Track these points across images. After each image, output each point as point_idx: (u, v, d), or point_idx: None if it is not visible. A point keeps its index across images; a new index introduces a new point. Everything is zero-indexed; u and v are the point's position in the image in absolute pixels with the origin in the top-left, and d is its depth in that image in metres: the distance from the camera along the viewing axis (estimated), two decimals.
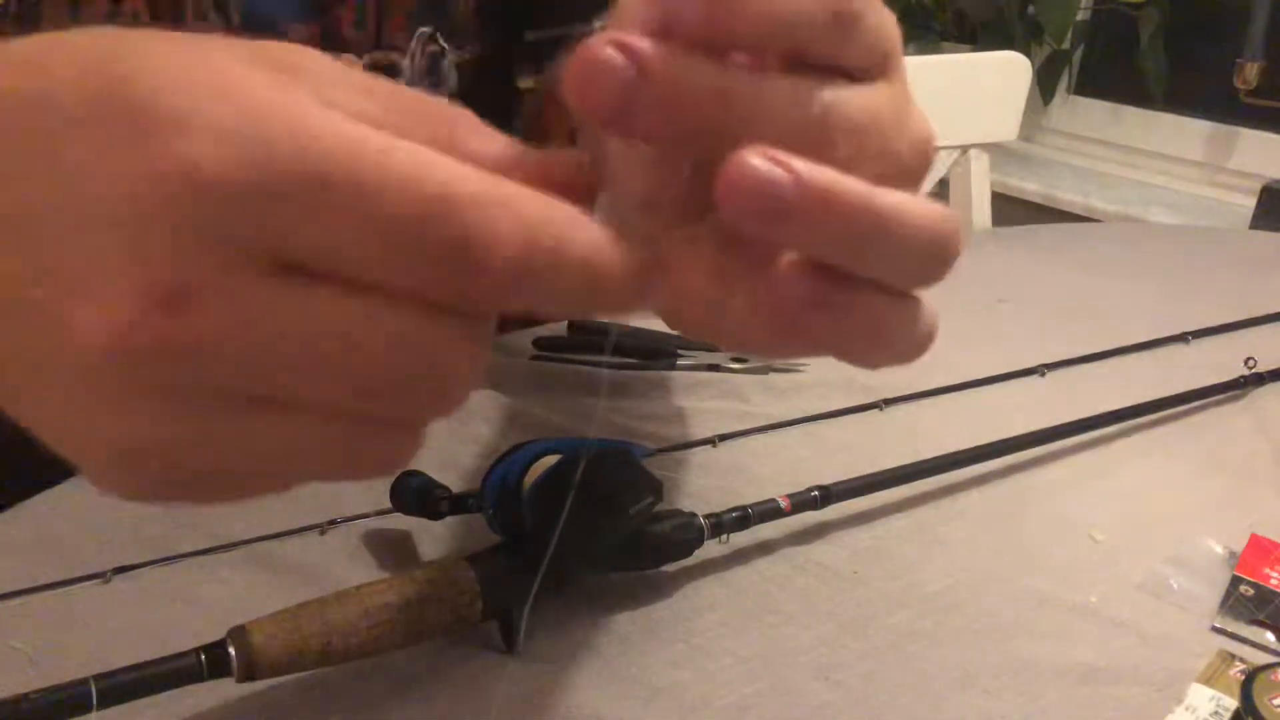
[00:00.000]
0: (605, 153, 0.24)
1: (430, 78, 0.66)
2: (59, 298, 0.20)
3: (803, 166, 0.21)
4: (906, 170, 0.24)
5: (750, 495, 0.52)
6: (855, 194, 0.22)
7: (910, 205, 0.23)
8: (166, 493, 0.22)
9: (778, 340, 0.25)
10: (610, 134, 0.22)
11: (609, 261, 0.22)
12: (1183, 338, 0.83)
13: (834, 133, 0.23)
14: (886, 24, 0.24)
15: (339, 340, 0.20)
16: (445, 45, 0.66)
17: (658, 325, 0.29)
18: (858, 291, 0.23)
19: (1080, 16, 1.98)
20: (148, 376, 0.20)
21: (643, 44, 0.21)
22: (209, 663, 0.37)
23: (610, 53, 0.21)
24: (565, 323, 0.79)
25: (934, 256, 0.23)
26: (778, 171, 0.21)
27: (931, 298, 0.25)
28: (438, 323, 0.21)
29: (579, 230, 0.21)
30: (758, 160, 0.21)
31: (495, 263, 0.20)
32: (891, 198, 0.22)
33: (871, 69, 0.24)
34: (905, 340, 0.25)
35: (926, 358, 0.26)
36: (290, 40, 0.22)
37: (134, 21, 0.54)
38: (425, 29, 0.65)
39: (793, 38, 0.22)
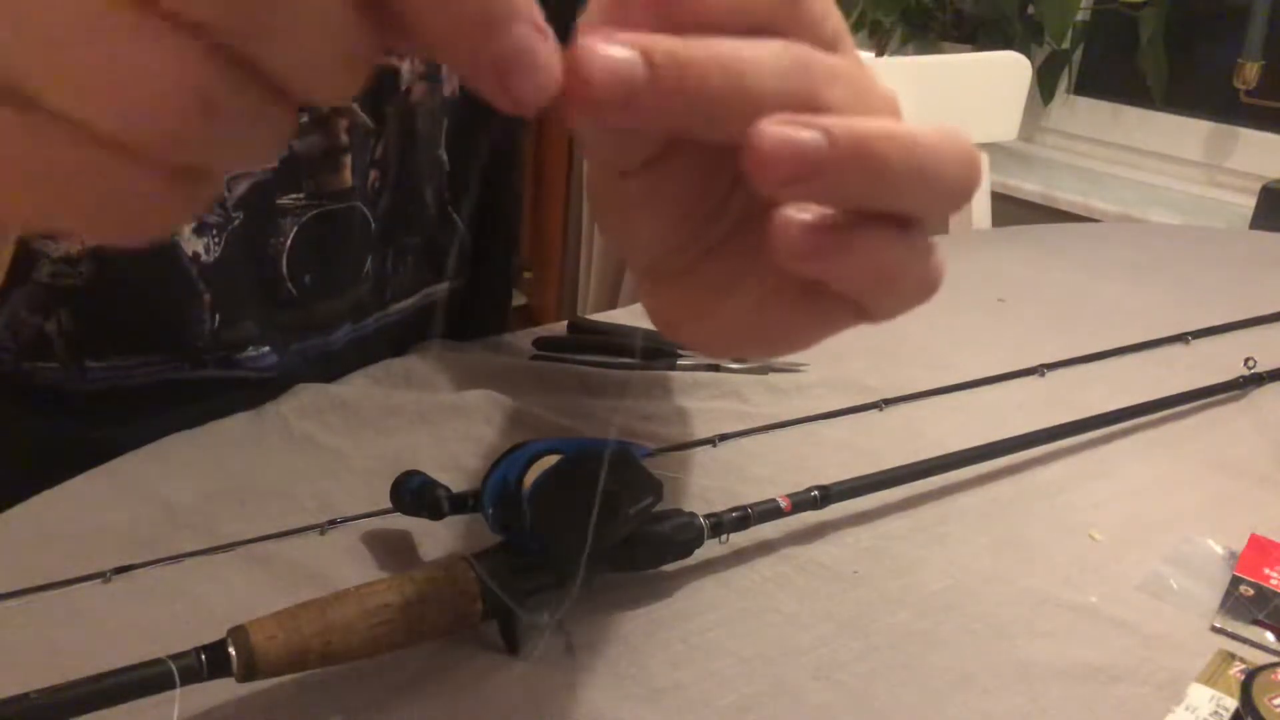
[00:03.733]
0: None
1: (430, 79, 0.66)
2: None
3: (827, 120, 0.21)
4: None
5: (750, 495, 0.52)
6: (879, 131, 0.22)
7: (931, 131, 0.23)
8: None
9: (788, 318, 0.25)
10: (624, 124, 0.22)
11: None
12: (1183, 338, 0.83)
13: (827, 82, 0.23)
14: (830, 7, 0.24)
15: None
16: None
17: None
18: (863, 227, 0.23)
19: (1080, 16, 1.98)
20: None
21: (639, 35, 0.21)
22: (209, 663, 0.37)
23: (611, 47, 0.21)
24: (565, 323, 0.79)
25: (961, 175, 0.24)
26: (803, 130, 0.21)
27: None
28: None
29: None
30: (779, 124, 0.21)
31: None
32: (916, 128, 0.23)
33: (827, 39, 0.24)
34: (916, 276, 0.25)
35: (926, 358, 0.26)
36: None
37: None
38: None
39: (751, 16, 0.22)
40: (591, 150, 0.25)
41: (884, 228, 0.23)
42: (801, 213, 0.23)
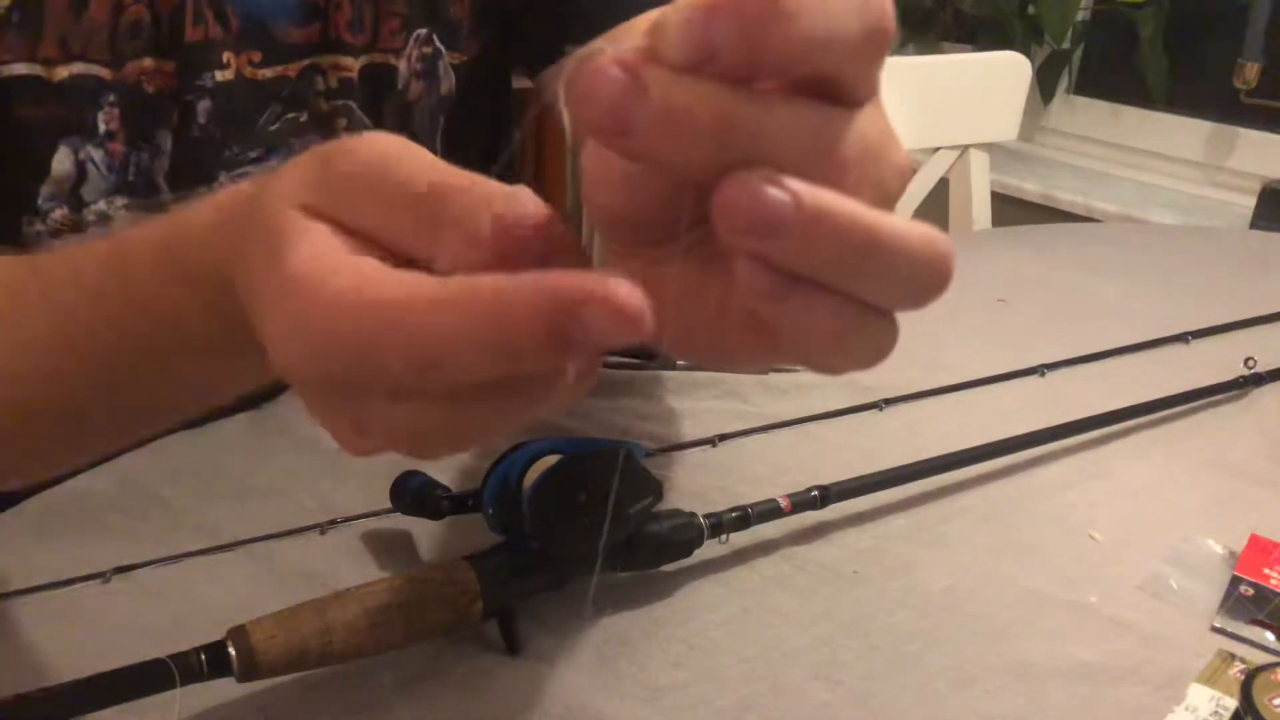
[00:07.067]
0: (588, 170, 0.24)
1: (426, 79, 0.66)
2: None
3: (800, 186, 0.21)
4: (888, 195, 0.25)
5: (750, 495, 0.52)
6: (850, 215, 0.22)
7: (904, 227, 0.23)
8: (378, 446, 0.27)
9: (740, 341, 0.25)
10: (608, 148, 0.22)
11: (635, 306, 0.22)
12: (1182, 338, 0.83)
13: (841, 162, 0.23)
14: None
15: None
16: (441, 47, 0.66)
17: None
18: (822, 292, 0.23)
19: (1080, 16, 1.98)
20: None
21: (647, 66, 0.21)
22: (209, 663, 0.37)
23: (613, 69, 0.21)
24: None
25: (927, 279, 0.24)
26: (775, 191, 0.21)
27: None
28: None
29: (615, 288, 0.22)
30: (755, 179, 0.21)
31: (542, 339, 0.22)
32: (886, 219, 0.23)
33: (870, 95, 0.24)
34: (867, 348, 0.25)
35: (926, 358, 0.26)
36: (289, 42, 0.23)
37: (135, 27, 0.54)
38: (421, 30, 0.64)
39: (824, 61, 0.22)
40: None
41: (844, 300, 0.23)
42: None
